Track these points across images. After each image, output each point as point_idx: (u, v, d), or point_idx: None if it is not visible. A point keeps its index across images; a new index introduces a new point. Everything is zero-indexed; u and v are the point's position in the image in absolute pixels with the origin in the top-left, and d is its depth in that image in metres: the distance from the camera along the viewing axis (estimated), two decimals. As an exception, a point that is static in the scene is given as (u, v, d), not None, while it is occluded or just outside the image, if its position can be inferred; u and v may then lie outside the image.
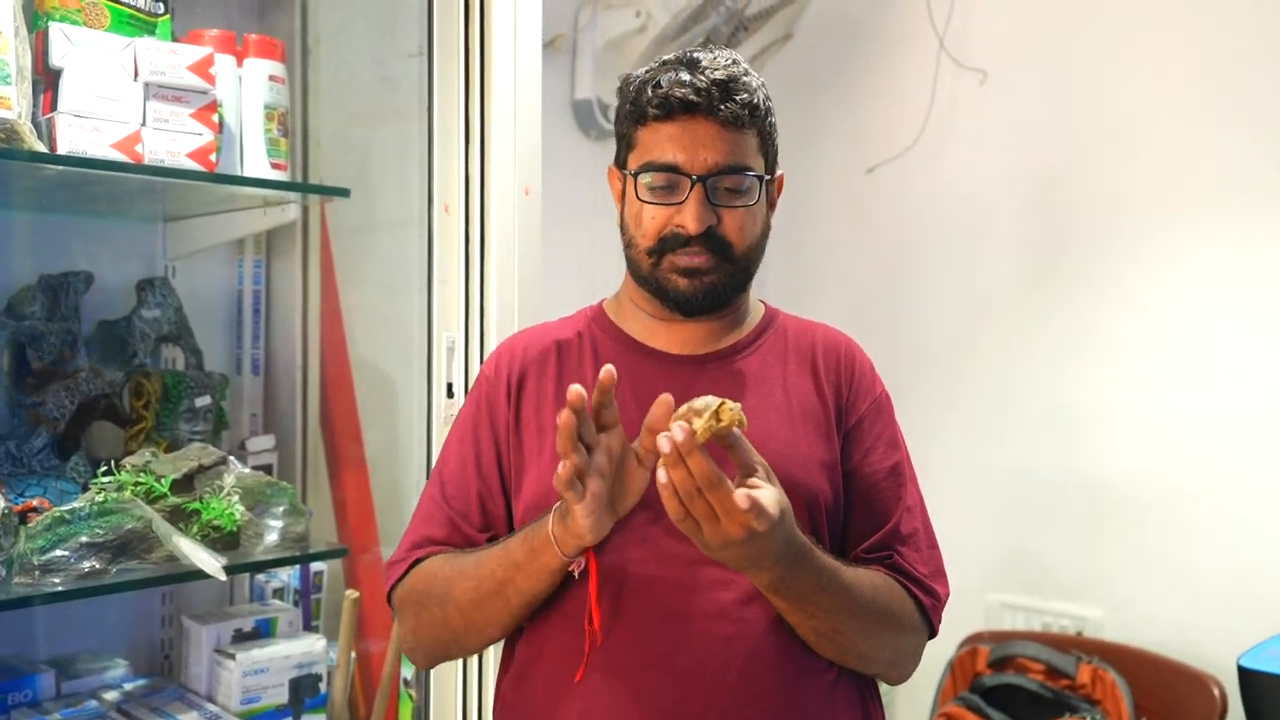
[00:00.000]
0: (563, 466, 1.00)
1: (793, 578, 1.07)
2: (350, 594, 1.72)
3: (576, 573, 1.12)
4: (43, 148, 1.43)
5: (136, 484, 1.54)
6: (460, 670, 1.75)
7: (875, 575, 1.18)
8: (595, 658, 1.13)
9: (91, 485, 1.53)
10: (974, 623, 2.77)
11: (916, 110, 2.97)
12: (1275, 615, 2.29)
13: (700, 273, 1.19)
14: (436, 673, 1.75)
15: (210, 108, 1.60)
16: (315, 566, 1.96)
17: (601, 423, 1.04)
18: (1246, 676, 2.04)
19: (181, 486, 1.58)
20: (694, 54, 1.19)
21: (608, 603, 1.13)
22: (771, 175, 1.24)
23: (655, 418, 1.01)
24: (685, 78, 1.15)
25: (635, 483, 1.07)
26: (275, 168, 1.71)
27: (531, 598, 1.13)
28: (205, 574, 1.49)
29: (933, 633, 1.24)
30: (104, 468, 1.56)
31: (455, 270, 1.77)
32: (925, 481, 1.30)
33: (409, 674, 1.81)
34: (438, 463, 1.29)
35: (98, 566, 1.45)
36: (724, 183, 1.17)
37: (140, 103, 1.53)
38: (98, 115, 1.48)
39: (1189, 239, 2.56)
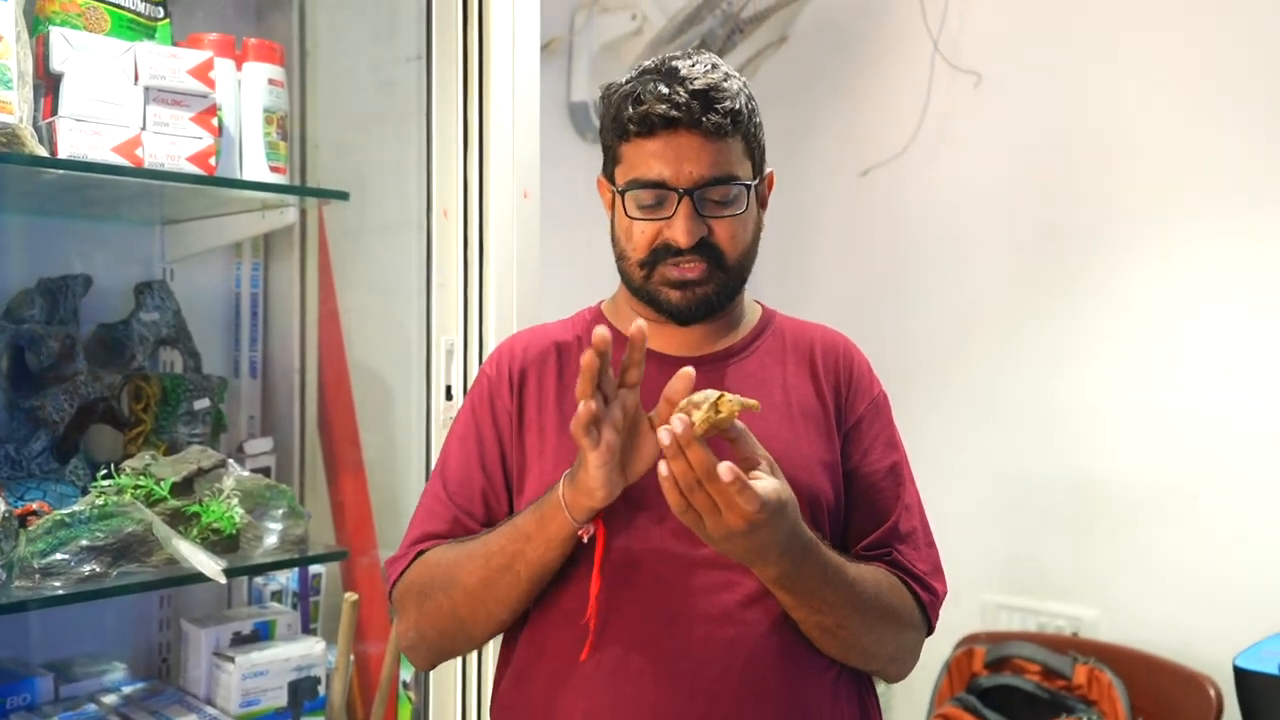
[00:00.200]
0: (582, 408, 1.00)
1: (798, 571, 1.08)
2: (350, 596, 1.72)
3: (585, 538, 1.12)
4: (44, 152, 1.43)
5: (136, 487, 1.54)
6: (459, 671, 1.75)
7: (878, 571, 1.19)
8: (597, 659, 1.13)
9: (91, 488, 1.54)
10: (970, 624, 2.78)
11: (911, 113, 2.98)
12: (1270, 615, 2.30)
13: (693, 284, 1.19)
14: (435, 674, 1.75)
15: (210, 111, 1.60)
16: (314, 569, 1.97)
17: (624, 381, 1.05)
18: (1242, 676, 2.05)
19: (181, 489, 1.58)
20: (673, 63, 1.18)
21: (610, 604, 1.14)
22: (760, 176, 1.24)
23: (674, 390, 1.02)
24: (665, 91, 1.14)
25: (647, 448, 1.07)
26: (274, 171, 1.72)
27: (542, 569, 1.13)
28: (205, 577, 1.49)
29: (930, 629, 1.25)
30: (103, 471, 1.56)
31: (454, 274, 1.78)
32: (920, 482, 1.31)
33: (408, 676, 1.81)
34: (438, 461, 1.29)
35: (98, 570, 1.45)
36: (711, 194, 1.17)
37: (140, 107, 1.53)
38: (98, 119, 1.49)
39: (1182, 240, 2.57)
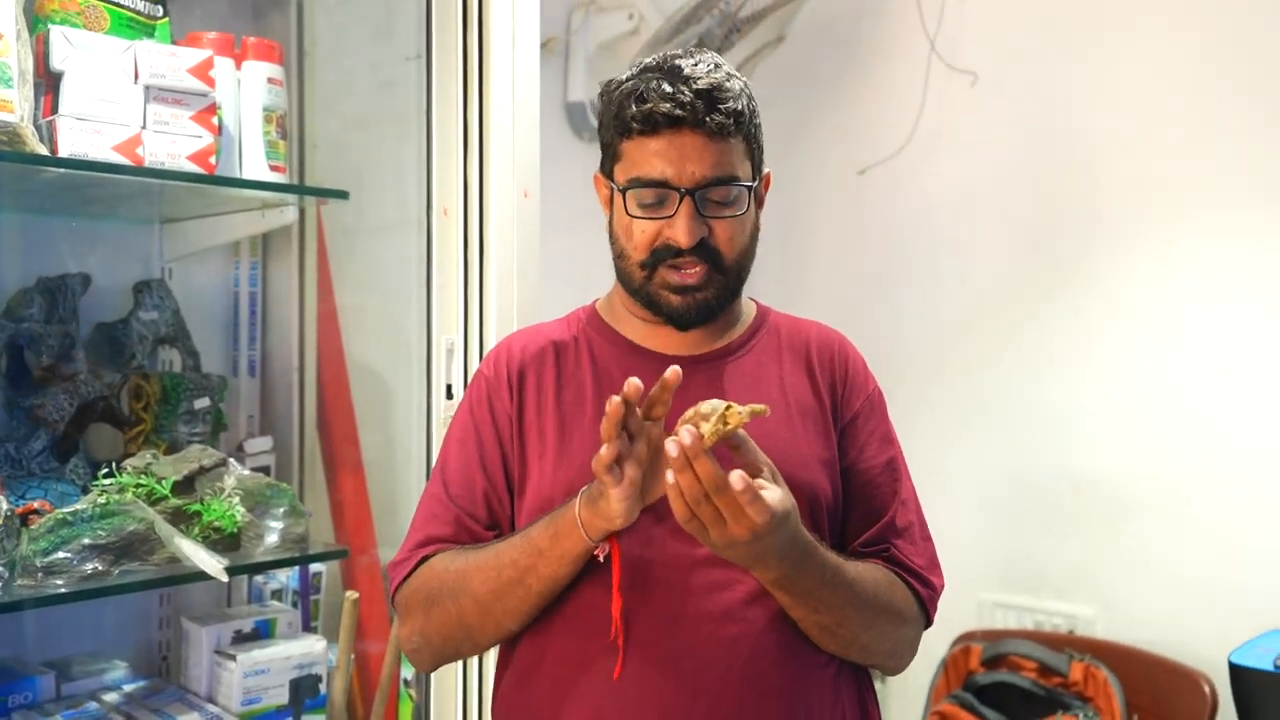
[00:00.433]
0: (605, 449, 1.01)
1: (797, 574, 1.09)
2: (350, 595, 1.72)
3: (601, 557, 1.12)
4: (44, 150, 1.43)
5: (138, 486, 1.54)
6: (460, 670, 1.76)
7: (875, 569, 1.20)
8: (600, 661, 1.14)
9: (92, 487, 1.53)
10: (966, 621, 2.79)
11: (908, 112, 2.99)
12: (1265, 612, 2.31)
13: (693, 289, 1.19)
14: (437, 673, 1.75)
15: (210, 110, 1.60)
16: (314, 568, 1.97)
17: (649, 414, 1.06)
18: (1237, 673, 2.06)
19: (182, 488, 1.58)
20: (676, 61, 1.18)
21: (611, 605, 1.13)
22: (759, 177, 1.24)
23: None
24: (669, 89, 1.14)
25: (664, 473, 1.08)
26: (274, 170, 1.72)
27: (553, 584, 1.13)
28: (206, 575, 1.49)
29: (928, 623, 1.26)
30: (104, 470, 1.56)
31: (454, 273, 1.78)
32: (917, 480, 1.32)
33: (409, 674, 1.81)
34: (438, 463, 1.29)
35: (100, 568, 1.46)
36: (713, 194, 1.17)
37: (140, 105, 1.53)
38: (99, 118, 1.49)
39: (1177, 239, 2.58)
